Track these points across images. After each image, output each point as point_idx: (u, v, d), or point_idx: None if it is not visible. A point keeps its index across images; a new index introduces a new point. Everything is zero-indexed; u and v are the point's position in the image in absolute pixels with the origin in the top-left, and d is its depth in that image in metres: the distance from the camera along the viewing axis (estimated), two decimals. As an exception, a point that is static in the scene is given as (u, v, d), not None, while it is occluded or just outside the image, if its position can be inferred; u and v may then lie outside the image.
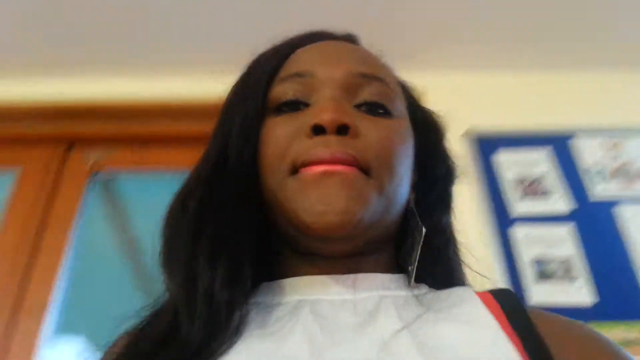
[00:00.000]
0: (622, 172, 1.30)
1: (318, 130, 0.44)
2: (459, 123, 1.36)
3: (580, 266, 1.16)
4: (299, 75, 0.48)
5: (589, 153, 1.34)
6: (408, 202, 0.50)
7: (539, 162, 1.33)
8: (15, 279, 1.25)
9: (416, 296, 0.44)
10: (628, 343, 1.04)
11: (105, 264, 2.05)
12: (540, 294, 1.12)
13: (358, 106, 0.48)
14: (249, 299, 0.44)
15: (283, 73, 0.50)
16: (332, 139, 0.43)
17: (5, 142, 1.47)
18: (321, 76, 0.48)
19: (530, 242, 1.19)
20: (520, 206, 1.25)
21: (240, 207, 0.45)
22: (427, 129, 0.55)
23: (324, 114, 0.44)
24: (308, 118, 0.45)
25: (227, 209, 0.45)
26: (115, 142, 1.50)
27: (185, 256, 0.43)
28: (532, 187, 1.28)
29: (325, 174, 0.42)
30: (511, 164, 1.32)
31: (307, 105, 0.48)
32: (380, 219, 0.45)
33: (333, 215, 0.41)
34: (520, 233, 1.21)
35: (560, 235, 1.20)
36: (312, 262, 0.46)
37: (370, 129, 0.46)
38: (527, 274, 1.16)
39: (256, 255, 0.45)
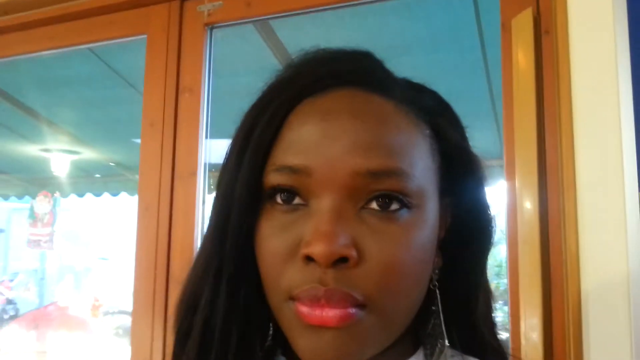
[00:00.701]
0: None
1: (312, 258, 0.40)
2: None
3: None
4: (292, 170, 0.42)
5: None
6: (430, 280, 0.46)
7: None
8: (167, 143, 1.45)
9: None
10: None
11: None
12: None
13: (367, 203, 0.41)
14: None
15: (276, 158, 0.43)
16: (327, 275, 0.39)
17: (128, 8, 1.57)
18: (320, 176, 0.41)
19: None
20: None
21: (250, 308, 0.45)
22: (462, 184, 0.48)
23: (318, 246, 0.39)
24: (304, 234, 0.41)
25: (237, 314, 0.45)
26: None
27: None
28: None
29: (318, 326, 0.40)
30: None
31: (303, 199, 0.42)
32: (385, 342, 0.43)
33: None
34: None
35: None
36: None
37: (375, 248, 0.40)
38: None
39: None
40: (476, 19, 1.95)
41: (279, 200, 0.43)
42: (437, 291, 0.47)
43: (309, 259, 0.40)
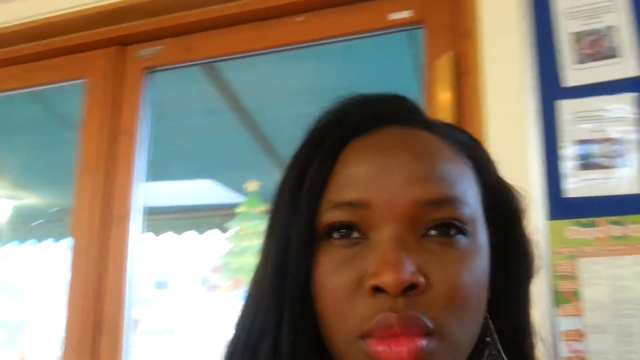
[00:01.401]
0: None
1: (379, 288, 0.39)
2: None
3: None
4: (352, 205, 0.42)
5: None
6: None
7: (605, 8, 1.07)
8: (100, 186, 1.44)
9: None
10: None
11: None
12: (580, 184, 1.01)
13: (426, 232, 0.42)
14: None
15: (333, 195, 0.43)
16: (397, 303, 0.39)
17: (68, 53, 1.57)
18: (380, 208, 0.41)
19: (581, 120, 1.03)
20: (576, 72, 1.06)
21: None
22: (503, 216, 0.48)
23: (386, 275, 0.38)
24: (368, 266, 0.40)
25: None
26: (163, 36, 1.51)
27: None
28: (597, 45, 1.06)
29: None
30: (572, 14, 1.08)
31: (362, 234, 0.42)
32: None
33: None
34: (570, 107, 1.05)
35: (620, 111, 1.01)
36: None
37: (440, 273, 0.40)
38: (569, 160, 1.02)
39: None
40: (413, 62, 2.05)
41: (336, 236, 0.43)
42: (490, 322, 0.46)
43: (376, 289, 0.39)
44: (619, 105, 1.01)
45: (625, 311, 0.93)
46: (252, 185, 2.02)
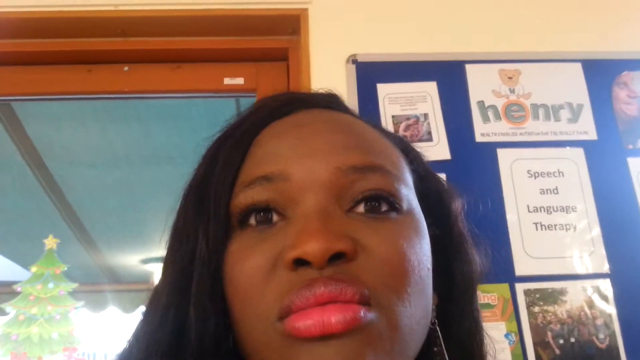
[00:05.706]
0: (514, 109, 1.21)
1: (301, 262, 0.33)
2: (342, 48, 1.23)
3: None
4: (267, 179, 0.36)
5: (480, 86, 1.22)
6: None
7: (421, 98, 1.20)
8: None
9: None
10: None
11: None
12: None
13: (353, 207, 0.36)
14: None
15: (246, 174, 0.37)
16: (324, 273, 0.32)
17: None
18: (299, 178, 0.36)
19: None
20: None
21: None
22: (439, 208, 0.43)
23: (308, 244, 0.32)
24: (287, 241, 0.34)
25: None
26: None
27: None
28: (412, 129, 1.17)
29: (321, 337, 0.31)
30: (393, 100, 1.20)
31: (282, 215, 0.36)
32: (398, 357, 0.35)
33: None
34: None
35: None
36: None
37: (373, 240, 0.34)
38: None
39: None
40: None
41: (252, 222, 0.36)
42: (438, 329, 0.40)
43: (297, 263, 0.33)
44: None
45: None
46: (50, 242, 1.74)
